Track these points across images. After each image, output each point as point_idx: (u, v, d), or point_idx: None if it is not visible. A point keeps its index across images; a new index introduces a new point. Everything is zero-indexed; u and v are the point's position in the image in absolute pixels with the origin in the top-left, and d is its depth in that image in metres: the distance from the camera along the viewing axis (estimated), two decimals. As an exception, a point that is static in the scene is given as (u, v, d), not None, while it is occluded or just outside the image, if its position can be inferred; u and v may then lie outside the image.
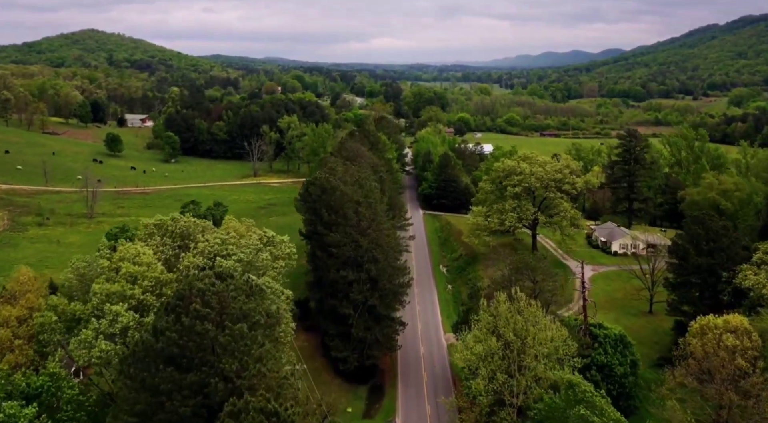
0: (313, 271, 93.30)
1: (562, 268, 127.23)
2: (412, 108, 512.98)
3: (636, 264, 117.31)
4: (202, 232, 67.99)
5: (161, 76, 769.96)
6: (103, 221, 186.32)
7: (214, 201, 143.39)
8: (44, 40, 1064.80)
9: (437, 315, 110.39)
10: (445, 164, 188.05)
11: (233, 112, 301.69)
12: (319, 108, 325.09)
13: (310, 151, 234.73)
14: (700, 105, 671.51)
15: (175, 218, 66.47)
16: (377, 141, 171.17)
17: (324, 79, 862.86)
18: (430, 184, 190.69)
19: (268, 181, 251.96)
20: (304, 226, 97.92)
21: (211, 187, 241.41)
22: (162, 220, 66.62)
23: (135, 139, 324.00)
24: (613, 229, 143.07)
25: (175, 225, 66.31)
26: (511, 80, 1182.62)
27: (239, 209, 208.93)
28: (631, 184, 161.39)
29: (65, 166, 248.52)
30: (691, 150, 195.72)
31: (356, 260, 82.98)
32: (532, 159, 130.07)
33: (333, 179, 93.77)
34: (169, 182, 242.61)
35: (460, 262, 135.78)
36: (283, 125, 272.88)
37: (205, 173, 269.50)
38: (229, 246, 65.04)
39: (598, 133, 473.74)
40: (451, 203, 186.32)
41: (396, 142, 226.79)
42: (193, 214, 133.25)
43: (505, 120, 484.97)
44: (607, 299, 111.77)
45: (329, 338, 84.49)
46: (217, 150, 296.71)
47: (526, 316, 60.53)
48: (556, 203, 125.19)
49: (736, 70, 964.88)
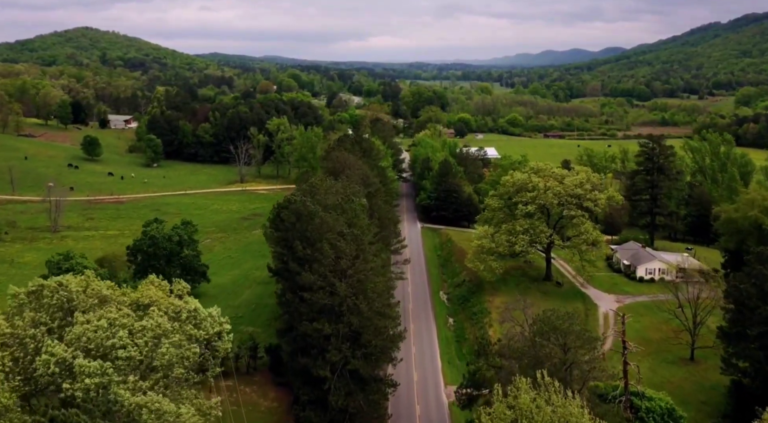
0: (284, 315, 75.82)
1: (581, 298, 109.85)
2: (410, 108, 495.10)
3: (667, 292, 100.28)
4: (92, 306, 47.02)
5: (154, 74, 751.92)
6: (68, 236, 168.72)
7: (182, 219, 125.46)
8: (37, 39, 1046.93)
9: (436, 359, 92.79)
10: (445, 172, 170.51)
11: (220, 113, 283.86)
12: (311, 109, 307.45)
13: (298, 156, 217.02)
14: (707, 104, 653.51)
15: (62, 283, 47.77)
16: (370, 148, 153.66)
17: (321, 77, 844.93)
18: (429, 194, 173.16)
19: (255, 188, 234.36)
20: (273, 260, 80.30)
21: (193, 195, 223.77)
22: (39, 285, 48.26)
23: (117, 141, 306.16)
24: (637, 250, 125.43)
25: (53, 295, 47.38)
26: (512, 79, 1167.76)
27: (220, 221, 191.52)
28: (654, 197, 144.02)
29: (36, 172, 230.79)
30: (716, 157, 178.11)
31: (334, 309, 65.42)
32: (546, 171, 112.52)
33: (311, 203, 76.22)
34: (148, 190, 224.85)
35: (463, 289, 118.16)
36: (272, 127, 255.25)
37: (189, 179, 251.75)
38: (119, 332, 44.79)
39: (604, 134, 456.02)
40: (452, 215, 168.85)
41: (392, 147, 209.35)
42: (156, 234, 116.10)
43: (507, 120, 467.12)
44: (638, 340, 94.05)
45: (300, 407, 66.90)
46: (203, 154, 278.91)
47: (560, 414, 43.06)
48: (575, 223, 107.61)
49: (741, 69, 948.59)
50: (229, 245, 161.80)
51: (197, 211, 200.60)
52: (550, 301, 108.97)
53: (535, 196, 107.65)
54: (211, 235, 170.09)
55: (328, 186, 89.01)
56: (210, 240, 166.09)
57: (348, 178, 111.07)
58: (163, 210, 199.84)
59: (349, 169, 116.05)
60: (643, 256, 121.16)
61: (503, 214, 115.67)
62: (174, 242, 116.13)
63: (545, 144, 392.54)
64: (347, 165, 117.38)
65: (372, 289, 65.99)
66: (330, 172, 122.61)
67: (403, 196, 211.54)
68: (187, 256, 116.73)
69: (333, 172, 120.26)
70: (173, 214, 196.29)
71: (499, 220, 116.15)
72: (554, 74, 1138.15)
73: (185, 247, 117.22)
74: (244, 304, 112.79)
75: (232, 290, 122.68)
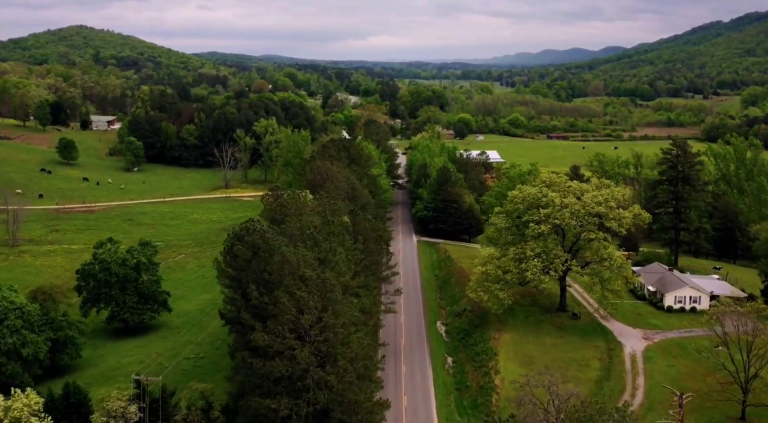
0: (236, 375, 59.70)
1: (602, 334, 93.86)
2: (409, 108, 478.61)
3: (702, 325, 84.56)
4: None
5: (147, 73, 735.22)
6: (28, 251, 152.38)
7: (141, 240, 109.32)
8: (31, 37, 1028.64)
9: (432, 416, 76.62)
10: (443, 180, 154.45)
11: (206, 114, 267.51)
12: (303, 109, 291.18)
13: (284, 161, 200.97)
14: (713, 104, 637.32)
15: None
16: (359, 154, 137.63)
17: (318, 76, 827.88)
18: (426, 205, 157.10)
19: (240, 195, 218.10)
20: (224, 305, 64.34)
21: (173, 202, 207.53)
22: None
23: (98, 144, 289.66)
24: (663, 273, 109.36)
25: None
26: (512, 78, 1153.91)
27: (197, 232, 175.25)
28: (677, 210, 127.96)
29: (5, 177, 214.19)
30: (742, 163, 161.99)
31: (293, 383, 49.37)
32: (561, 185, 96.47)
33: (272, 234, 60.23)
34: (124, 197, 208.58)
35: (464, 321, 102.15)
36: (260, 129, 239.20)
37: (170, 185, 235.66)
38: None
39: (608, 135, 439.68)
40: (452, 229, 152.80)
41: (386, 152, 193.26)
42: (107, 258, 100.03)
43: (509, 121, 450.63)
44: (674, 390, 78.21)
45: None
46: (187, 157, 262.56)
47: None
48: (596, 247, 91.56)
49: (745, 68, 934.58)
50: (204, 261, 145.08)
51: (174, 221, 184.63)
52: (565, 338, 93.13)
53: (549, 213, 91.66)
54: (185, 250, 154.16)
55: (299, 207, 72.88)
56: (184, 255, 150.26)
57: (329, 192, 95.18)
58: (138, 220, 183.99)
59: (331, 181, 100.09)
60: (671, 282, 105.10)
61: (511, 234, 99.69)
62: (129, 267, 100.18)
63: (548, 146, 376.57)
64: (329, 176, 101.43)
65: (344, 354, 49.91)
66: (310, 185, 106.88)
67: (398, 205, 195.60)
68: (145, 283, 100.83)
69: (313, 185, 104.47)
70: (147, 224, 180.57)
71: (506, 241, 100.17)
72: (555, 73, 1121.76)
73: (143, 271, 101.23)
74: (208, 340, 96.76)
75: (197, 320, 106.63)
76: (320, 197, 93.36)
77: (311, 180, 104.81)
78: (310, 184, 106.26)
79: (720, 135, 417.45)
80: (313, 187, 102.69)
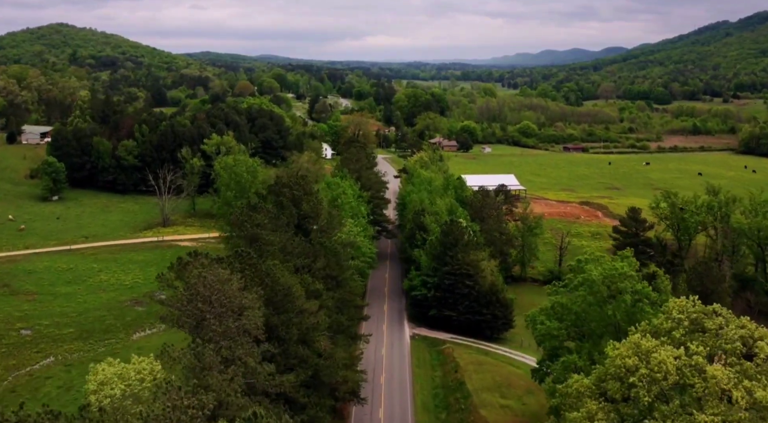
0: None
1: None
2: (405, 113, 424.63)
3: None
4: None
5: (123, 74, 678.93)
6: None
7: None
8: (8, 35, 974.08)
9: None
10: (451, 242, 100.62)
11: (149, 127, 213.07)
12: (273, 120, 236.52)
13: (223, 201, 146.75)
14: (738, 109, 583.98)
15: None
16: (318, 210, 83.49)
17: (308, 78, 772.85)
18: (425, 279, 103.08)
19: (178, 238, 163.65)
20: None
21: (83, 251, 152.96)
22: None
23: (22, 162, 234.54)
24: None
25: None
26: (514, 79, 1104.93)
27: (92, 309, 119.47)
28: None
29: None
30: None
31: None
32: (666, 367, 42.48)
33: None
34: (18, 243, 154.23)
35: None
36: (209, 149, 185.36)
37: (93, 221, 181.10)
38: None
39: (633, 146, 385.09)
40: (464, 318, 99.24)
41: (368, 187, 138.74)
42: None
43: (519, 129, 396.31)
44: None
45: None
46: (124, 181, 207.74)
47: None
48: None
49: (762, 69, 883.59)
50: (73, 376, 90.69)
51: (68, 287, 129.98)
52: None
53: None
54: (57, 349, 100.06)
55: None
56: (51, 360, 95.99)
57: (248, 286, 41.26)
58: (16, 285, 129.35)
59: (215, 315, 46.18)
60: None
61: (602, 404, 46.28)
62: None
63: (567, 161, 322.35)
64: (216, 300, 47.51)
65: None
66: (202, 305, 52.96)
67: (386, 259, 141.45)
68: None
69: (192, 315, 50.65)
70: (27, 293, 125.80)
71: (590, 414, 46.77)
72: (560, 75, 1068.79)
73: None
74: None
75: None
76: (194, 347, 40.82)
77: (202, 301, 50.60)
78: (202, 306, 52.40)
79: (761, 146, 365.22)
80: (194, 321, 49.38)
